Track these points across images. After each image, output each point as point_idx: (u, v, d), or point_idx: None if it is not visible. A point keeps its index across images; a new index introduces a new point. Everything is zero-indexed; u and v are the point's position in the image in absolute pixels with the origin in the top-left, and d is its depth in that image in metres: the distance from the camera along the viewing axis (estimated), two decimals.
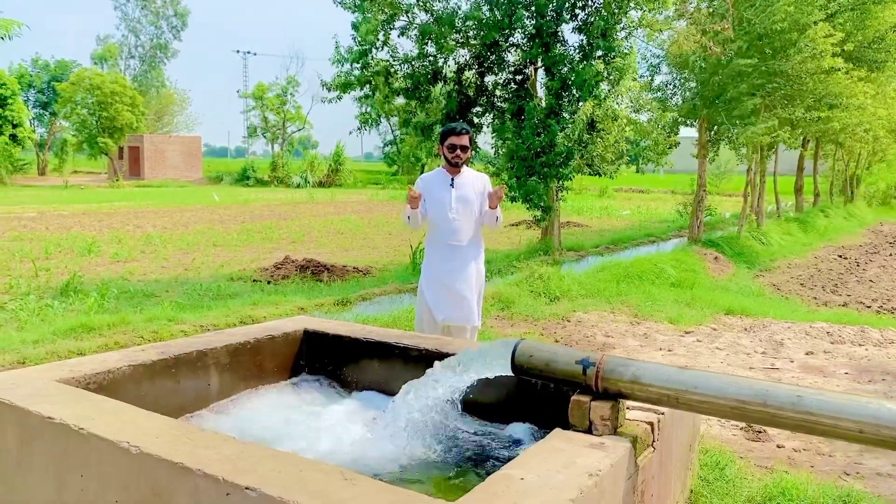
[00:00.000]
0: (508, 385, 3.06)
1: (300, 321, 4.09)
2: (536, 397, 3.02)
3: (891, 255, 16.95)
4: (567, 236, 15.89)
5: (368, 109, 43.04)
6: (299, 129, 52.50)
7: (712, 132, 15.27)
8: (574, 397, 2.50)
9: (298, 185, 41.84)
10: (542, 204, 11.44)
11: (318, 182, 43.23)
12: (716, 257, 13.75)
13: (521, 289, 8.58)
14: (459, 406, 3.01)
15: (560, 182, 11.95)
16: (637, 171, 61.60)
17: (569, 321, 7.44)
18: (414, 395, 2.83)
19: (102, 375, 3.00)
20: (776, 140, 14.87)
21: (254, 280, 10.65)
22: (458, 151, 4.54)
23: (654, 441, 2.59)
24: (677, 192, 34.25)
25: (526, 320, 7.51)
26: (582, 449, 2.29)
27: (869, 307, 10.28)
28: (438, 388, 2.79)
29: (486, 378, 2.82)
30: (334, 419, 3.18)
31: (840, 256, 16.43)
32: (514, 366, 2.66)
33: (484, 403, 3.17)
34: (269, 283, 10.50)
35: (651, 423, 2.60)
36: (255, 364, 3.66)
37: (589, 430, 2.46)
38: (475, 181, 4.64)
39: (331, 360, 3.83)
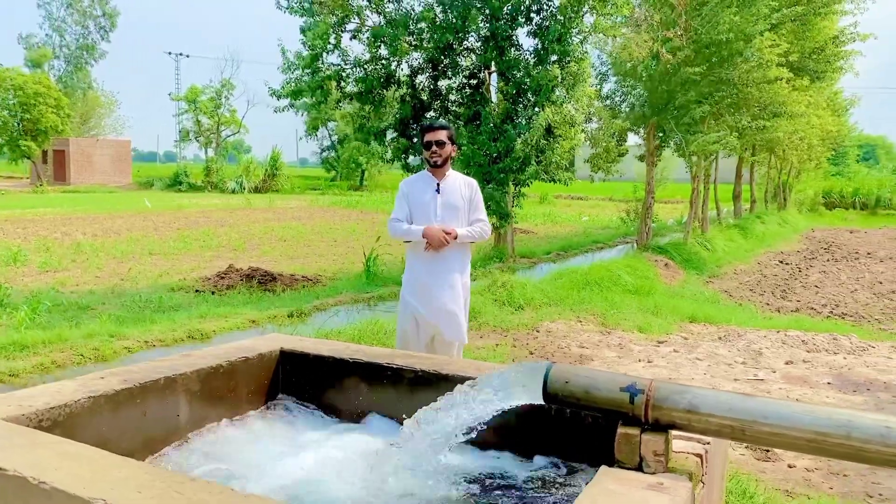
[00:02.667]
0: (526, 412, 2.74)
1: (274, 340, 3.68)
2: (563, 426, 2.71)
3: (828, 260, 17.37)
4: (517, 243, 15.73)
5: (307, 115, 42.34)
6: (234, 133, 51.23)
7: (658, 139, 15.35)
8: (621, 430, 2.20)
9: (234, 191, 40.74)
10: (500, 211, 11.20)
11: (254, 187, 42.19)
12: (666, 264, 13.78)
13: (485, 297, 8.30)
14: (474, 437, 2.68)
15: (517, 188, 11.74)
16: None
17: (538, 331, 7.19)
18: (428, 425, 2.48)
19: (58, 410, 2.56)
20: (726, 147, 15.04)
21: (196, 290, 10.10)
22: (435, 148, 4.20)
23: (703, 475, 2.32)
24: (615, 199, 34.75)
25: (495, 331, 7.22)
26: (641, 492, 2.00)
27: (820, 312, 10.39)
28: (457, 418, 2.45)
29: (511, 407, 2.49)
30: (329, 453, 2.81)
31: (781, 262, 16.75)
32: (547, 394, 2.34)
33: (500, 433, 2.85)
34: (213, 293, 9.96)
35: (700, 455, 2.32)
36: (228, 390, 3.25)
37: (639, 467, 2.16)
38: (462, 187, 4.32)
39: (312, 384, 3.45)
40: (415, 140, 12.25)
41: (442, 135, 4.25)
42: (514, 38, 11.46)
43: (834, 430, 1.98)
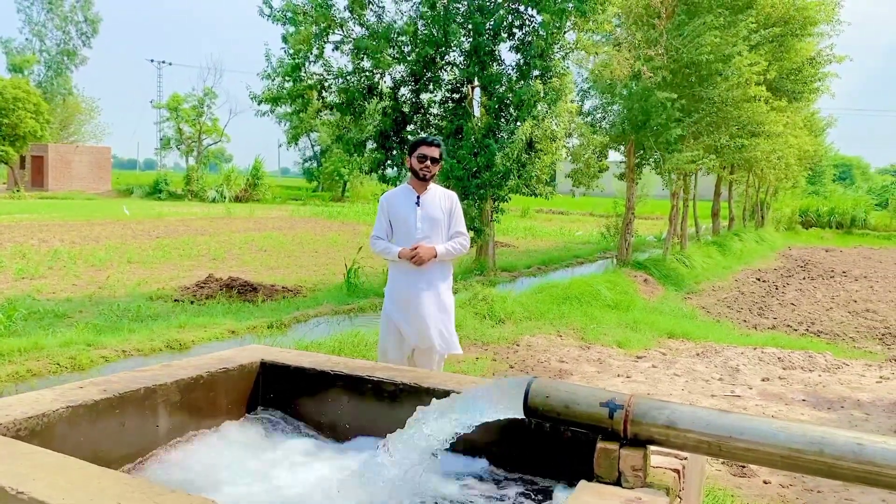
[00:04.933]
0: (506, 426, 2.77)
1: (255, 351, 3.68)
2: (542, 440, 2.73)
3: (804, 278, 17.57)
4: (498, 256, 15.78)
5: (289, 124, 42.25)
6: (216, 142, 51.01)
7: (638, 157, 15.49)
8: (601, 445, 2.22)
9: (214, 200, 40.48)
10: (474, 225, 11.25)
11: (235, 197, 41.95)
12: (645, 279, 13.89)
13: (465, 311, 8.32)
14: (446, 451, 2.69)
15: (496, 203, 11.79)
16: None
17: (518, 345, 7.23)
18: (410, 438, 2.50)
19: (35, 420, 2.54)
20: (703, 166, 15.22)
21: (175, 300, 10.03)
22: (428, 163, 4.25)
23: (680, 490, 2.35)
24: (596, 215, 34.98)
25: (475, 344, 7.25)
26: None
27: (796, 330, 10.52)
28: (438, 431, 2.47)
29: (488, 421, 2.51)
30: (309, 465, 2.82)
31: (758, 279, 16.92)
32: (528, 408, 2.36)
33: (480, 447, 2.87)
34: (192, 303, 9.90)
35: (677, 470, 2.35)
36: (208, 401, 3.24)
37: (618, 482, 2.18)
38: (442, 199, 4.35)
39: (293, 396, 3.44)
40: (393, 152, 12.27)
41: (436, 151, 4.33)
42: (496, 52, 11.55)
43: (808, 446, 2.02)
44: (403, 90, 12.24)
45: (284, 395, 3.46)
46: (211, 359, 3.51)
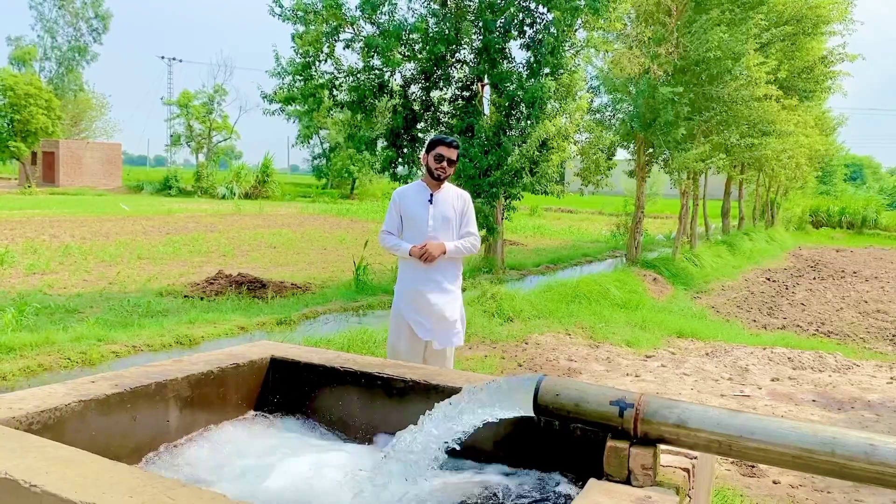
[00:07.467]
0: (515, 424, 2.77)
1: (265, 347, 3.69)
2: (552, 438, 2.73)
3: (814, 279, 17.49)
4: (507, 254, 15.78)
5: (299, 122, 42.34)
6: (226, 139, 51.15)
7: (647, 155, 15.44)
8: (610, 443, 2.22)
9: (224, 197, 40.58)
10: (487, 224, 11.24)
11: (245, 194, 42.06)
12: (654, 278, 13.84)
13: (474, 308, 8.33)
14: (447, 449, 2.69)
15: (507, 201, 11.77)
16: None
17: (527, 343, 7.23)
18: (420, 436, 2.50)
19: (48, 413, 2.55)
20: (712, 165, 15.16)
21: (185, 296, 10.07)
22: (445, 164, 4.24)
23: (690, 489, 2.34)
24: (605, 213, 34.91)
25: (483, 342, 7.25)
26: None
27: (806, 330, 10.47)
28: (448, 429, 2.47)
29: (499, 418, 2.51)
30: (317, 462, 2.82)
31: (768, 279, 16.85)
32: (538, 406, 2.36)
33: (489, 445, 2.87)
34: (201, 299, 9.94)
35: (687, 470, 2.34)
36: (218, 397, 3.25)
37: (627, 481, 2.18)
38: (455, 199, 4.35)
39: (302, 392, 3.45)
40: (404, 150, 12.28)
41: (454, 153, 4.30)
42: (507, 50, 11.53)
43: (819, 446, 2.01)
44: (413, 88, 12.24)
45: (294, 391, 3.46)
46: (221, 354, 3.52)
